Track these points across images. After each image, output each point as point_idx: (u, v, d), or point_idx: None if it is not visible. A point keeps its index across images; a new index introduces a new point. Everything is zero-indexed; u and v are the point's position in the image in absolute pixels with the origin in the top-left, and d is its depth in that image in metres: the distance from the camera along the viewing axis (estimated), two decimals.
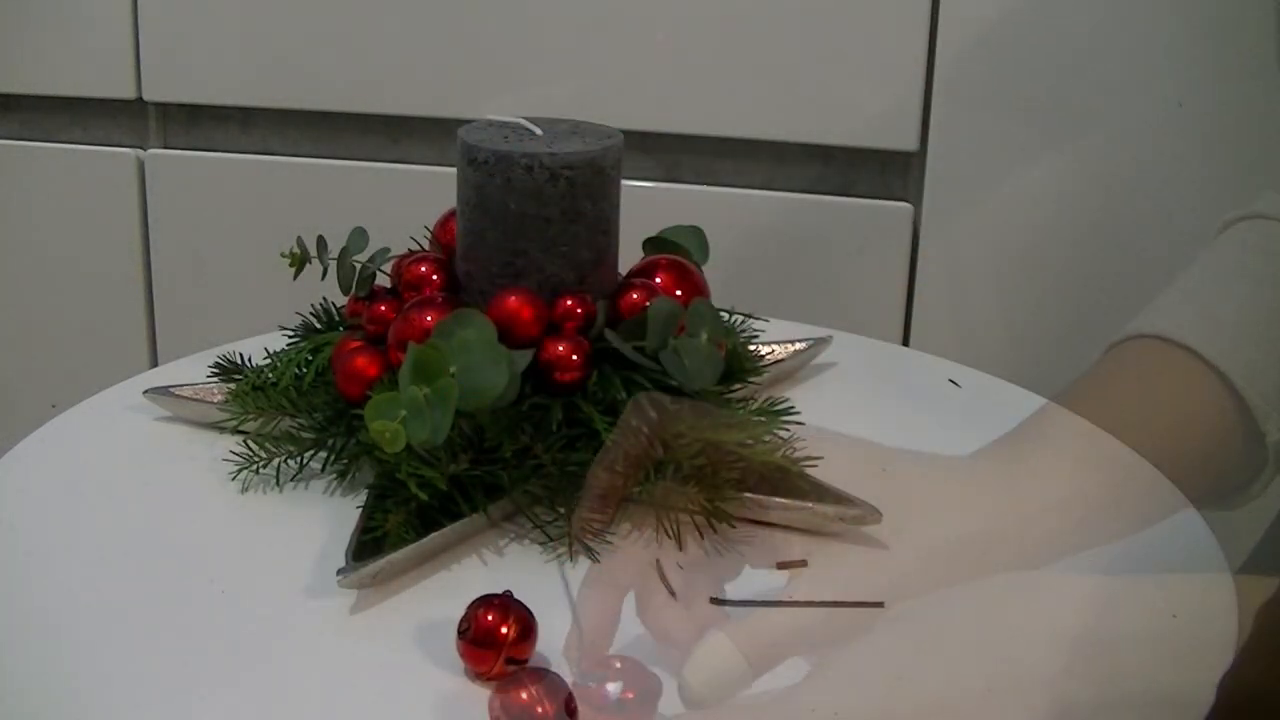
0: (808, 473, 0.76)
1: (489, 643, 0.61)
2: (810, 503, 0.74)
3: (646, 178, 1.24)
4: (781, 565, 0.72)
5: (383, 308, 0.81)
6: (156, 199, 1.32)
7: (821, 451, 0.62)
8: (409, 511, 0.71)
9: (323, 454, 0.78)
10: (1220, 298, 0.49)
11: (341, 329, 0.85)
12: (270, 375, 0.83)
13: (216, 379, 0.85)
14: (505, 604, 0.62)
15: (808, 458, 0.77)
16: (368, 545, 0.70)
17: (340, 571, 0.67)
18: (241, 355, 0.86)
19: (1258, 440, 0.75)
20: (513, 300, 0.77)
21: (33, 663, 0.63)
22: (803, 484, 0.76)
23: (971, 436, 0.87)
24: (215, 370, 0.85)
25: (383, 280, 0.84)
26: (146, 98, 1.29)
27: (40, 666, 0.62)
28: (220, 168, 1.30)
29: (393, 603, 0.68)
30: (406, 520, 0.71)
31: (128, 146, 1.32)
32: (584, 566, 0.71)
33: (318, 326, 0.86)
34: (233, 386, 0.83)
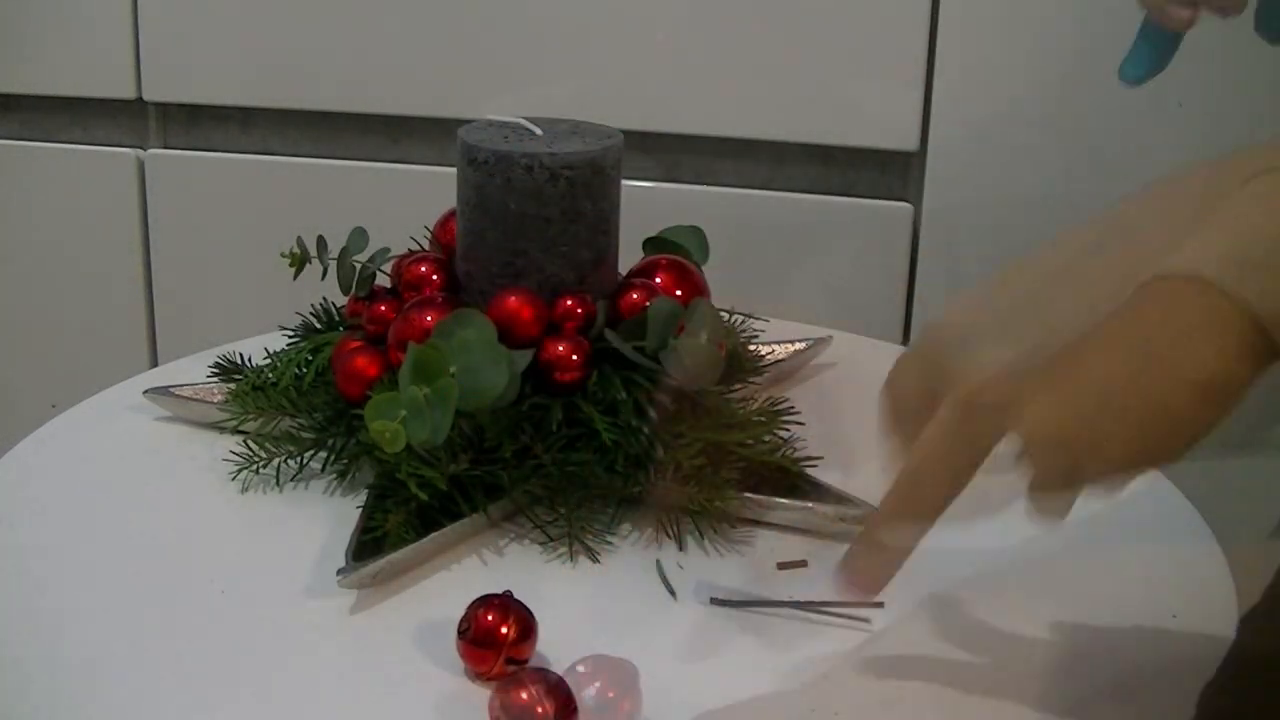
0: (808, 473, 0.76)
1: (489, 643, 0.61)
2: (810, 503, 0.74)
3: (646, 178, 1.24)
4: (782, 565, 0.72)
5: (383, 308, 0.81)
6: (156, 199, 1.32)
7: None
8: (409, 511, 0.71)
9: (323, 454, 0.78)
10: (1250, 239, 0.49)
11: (341, 329, 0.85)
12: (270, 375, 0.83)
13: (216, 379, 0.85)
14: (505, 604, 0.62)
15: (807, 458, 0.77)
16: (368, 545, 0.70)
17: (340, 571, 0.67)
18: (241, 355, 0.86)
19: None
20: (513, 300, 0.77)
21: (33, 662, 0.63)
22: (803, 484, 0.76)
23: None
24: (215, 370, 0.85)
25: (383, 280, 0.84)
26: (146, 98, 1.29)
27: (40, 666, 0.62)
28: (220, 168, 1.30)
29: (393, 603, 0.68)
30: (406, 520, 0.71)
31: (128, 146, 1.31)
32: (585, 566, 0.71)
33: (318, 326, 0.86)
34: (233, 386, 0.83)
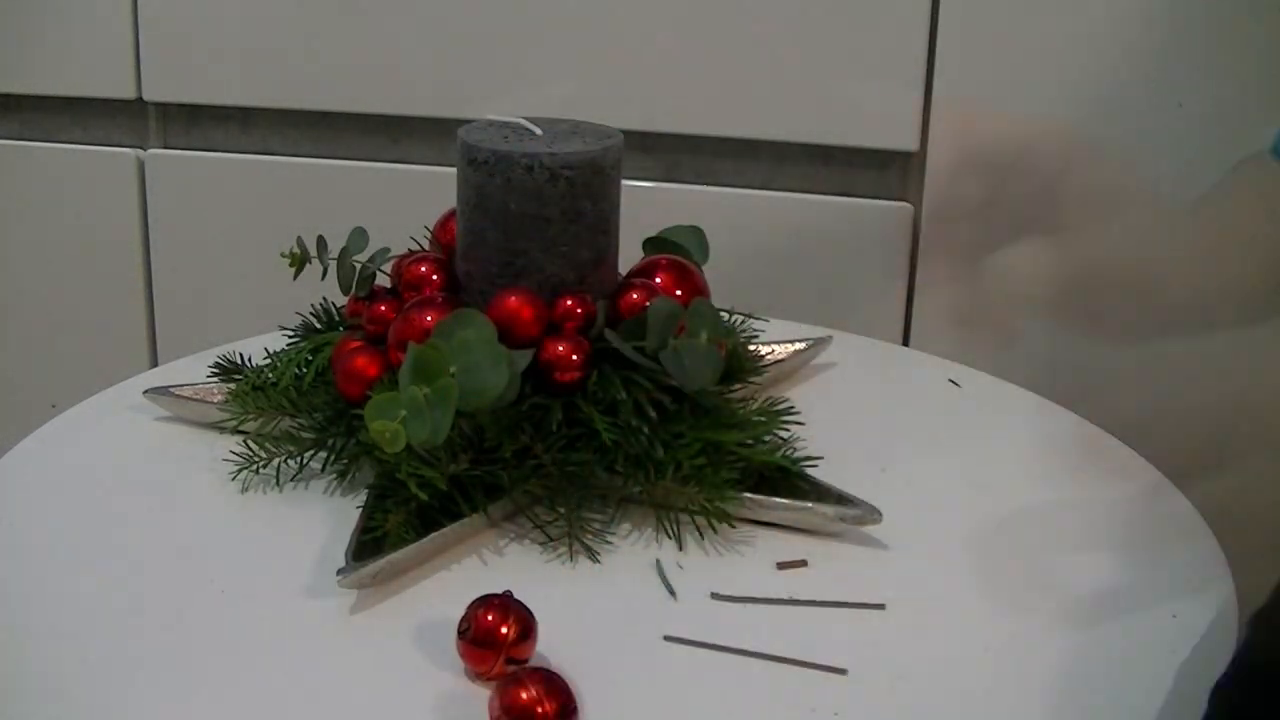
0: (808, 473, 0.76)
1: (489, 643, 0.61)
2: (810, 503, 0.74)
3: (646, 178, 1.24)
4: (782, 565, 0.72)
5: (383, 308, 0.81)
6: (156, 199, 1.32)
7: None
8: (409, 511, 0.71)
9: (323, 454, 0.78)
10: None
11: (341, 329, 0.85)
12: (270, 375, 0.83)
13: (216, 379, 0.85)
14: (505, 604, 0.62)
15: (807, 458, 0.77)
16: (368, 545, 0.70)
17: (340, 571, 0.67)
18: (241, 355, 0.86)
19: None
20: (513, 300, 0.77)
21: (33, 662, 0.63)
22: (803, 484, 0.76)
23: (972, 436, 0.87)
24: (215, 370, 0.85)
25: (383, 280, 0.84)
26: (146, 98, 1.29)
27: (40, 666, 0.62)
28: (220, 168, 1.30)
29: (393, 603, 0.68)
30: (406, 520, 0.71)
31: (128, 146, 1.31)
32: (585, 566, 0.71)
33: (318, 326, 0.86)
34: (233, 386, 0.83)
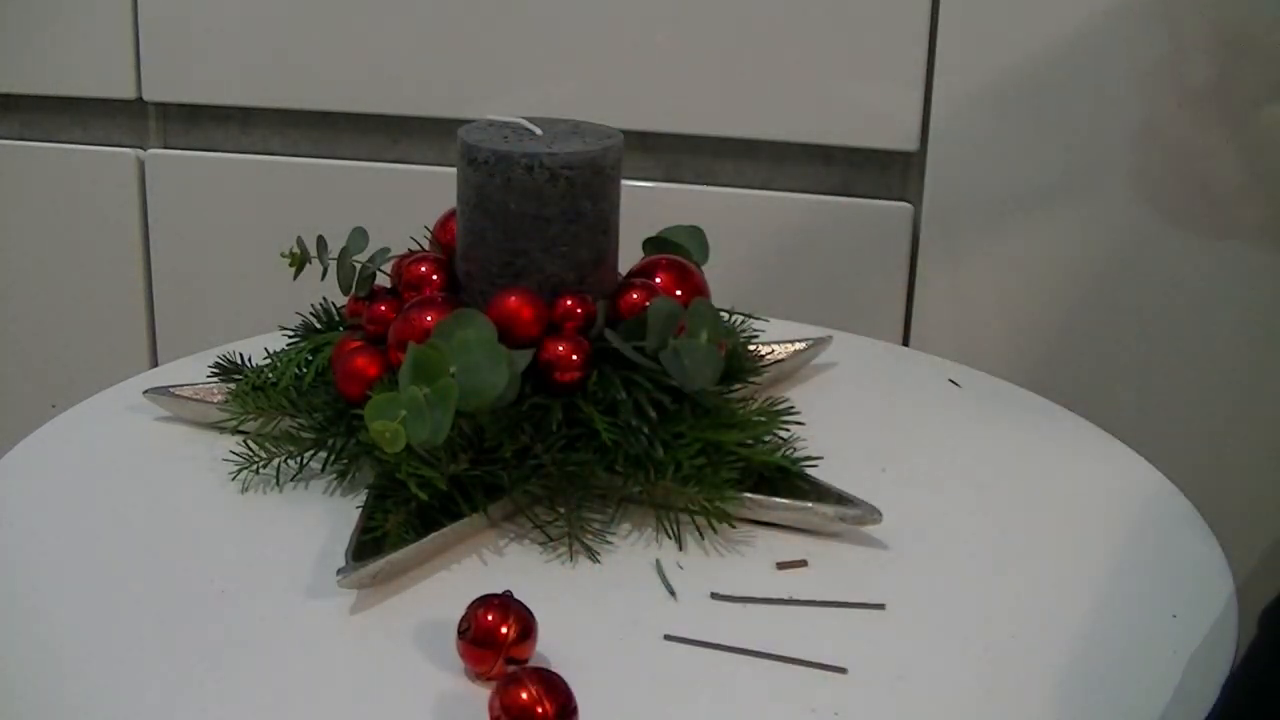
0: (808, 472, 0.76)
1: (489, 643, 0.61)
2: (810, 503, 0.74)
3: (646, 178, 1.24)
4: (781, 565, 0.72)
5: (383, 308, 0.81)
6: (156, 199, 1.32)
7: None
8: (409, 511, 0.71)
9: (323, 454, 0.78)
10: None
11: (341, 329, 0.85)
12: (270, 375, 0.83)
13: (216, 379, 0.85)
14: (505, 604, 0.62)
15: (807, 458, 0.77)
16: (368, 545, 0.70)
17: (340, 571, 0.67)
18: (241, 355, 0.86)
19: None
20: (513, 300, 0.77)
21: (33, 662, 0.63)
22: (803, 484, 0.76)
23: (972, 436, 0.87)
24: (215, 370, 0.85)
25: (383, 280, 0.84)
26: (146, 98, 1.29)
27: (41, 666, 0.62)
28: (220, 168, 1.30)
29: (393, 603, 0.68)
30: (406, 520, 0.70)
31: (128, 146, 1.32)
32: (585, 566, 0.71)
33: (318, 326, 0.86)
34: (233, 386, 0.83)
